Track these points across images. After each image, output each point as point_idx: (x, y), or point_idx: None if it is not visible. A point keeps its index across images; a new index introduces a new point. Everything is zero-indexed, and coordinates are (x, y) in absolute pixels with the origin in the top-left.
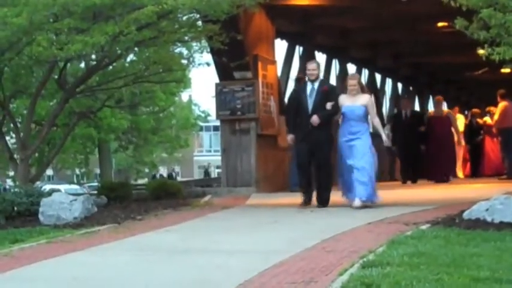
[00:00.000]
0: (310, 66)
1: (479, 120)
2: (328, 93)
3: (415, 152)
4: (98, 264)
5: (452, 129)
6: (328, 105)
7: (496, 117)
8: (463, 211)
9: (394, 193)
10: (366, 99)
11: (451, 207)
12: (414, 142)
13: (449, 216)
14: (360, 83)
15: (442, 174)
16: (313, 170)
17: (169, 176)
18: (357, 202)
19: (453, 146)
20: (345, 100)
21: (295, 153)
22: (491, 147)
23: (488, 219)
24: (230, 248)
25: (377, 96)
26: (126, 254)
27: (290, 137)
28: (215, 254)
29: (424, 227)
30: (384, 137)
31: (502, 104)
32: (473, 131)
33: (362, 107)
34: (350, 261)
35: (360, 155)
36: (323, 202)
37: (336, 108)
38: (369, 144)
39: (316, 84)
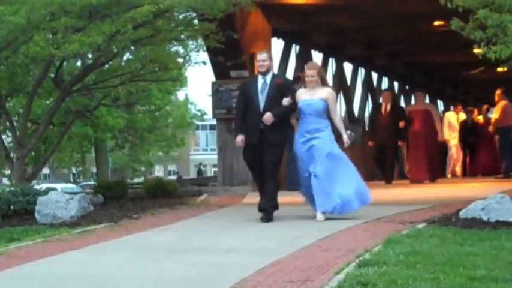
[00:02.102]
0: (260, 56)
1: (479, 118)
2: (282, 87)
3: (392, 149)
4: (94, 263)
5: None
6: (285, 101)
7: (495, 115)
8: (459, 210)
9: (390, 192)
10: (326, 92)
11: (447, 206)
12: (393, 138)
13: (445, 215)
14: (320, 73)
15: (420, 173)
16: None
17: (199, 171)
18: (319, 216)
19: (435, 143)
20: (303, 94)
21: (245, 159)
22: (485, 146)
23: (485, 218)
24: (226, 247)
25: (373, 94)
26: (123, 252)
27: (238, 139)
28: (211, 252)
29: (420, 226)
30: (345, 137)
31: (501, 103)
32: (467, 129)
33: (321, 101)
34: (346, 260)
35: (320, 157)
36: (267, 213)
37: (294, 104)
38: (331, 142)
39: (269, 78)
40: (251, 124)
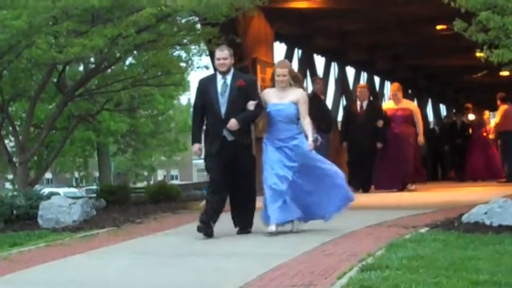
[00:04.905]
0: (220, 54)
1: (472, 118)
2: (245, 88)
3: (369, 152)
4: (96, 268)
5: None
6: (250, 105)
7: (496, 120)
8: (461, 214)
9: (392, 196)
10: (297, 94)
11: (450, 210)
12: (369, 140)
13: (448, 220)
14: (291, 72)
15: (394, 180)
16: (231, 190)
17: None
18: (270, 228)
19: (410, 146)
20: (271, 96)
21: (207, 170)
22: (477, 148)
23: (487, 222)
24: (229, 251)
25: (376, 98)
26: (125, 257)
27: (195, 148)
28: (214, 257)
29: (423, 230)
30: (310, 140)
31: (503, 108)
32: (456, 131)
33: (292, 104)
34: (349, 264)
35: (292, 166)
36: (245, 225)
37: (260, 108)
38: (306, 149)
39: (229, 78)
40: (211, 131)
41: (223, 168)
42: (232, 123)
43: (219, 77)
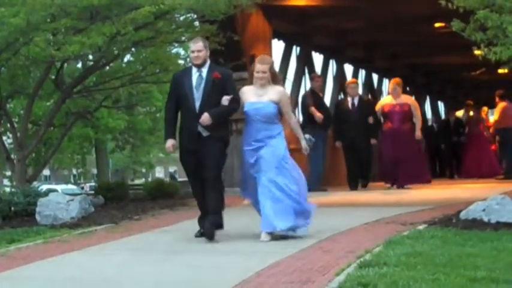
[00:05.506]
0: (194, 46)
1: (461, 115)
2: (222, 82)
3: (364, 150)
4: (95, 264)
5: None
6: (224, 100)
7: (495, 117)
8: (459, 211)
9: (389, 193)
10: (277, 93)
11: (448, 207)
12: (363, 137)
13: (446, 217)
14: (272, 69)
15: (398, 177)
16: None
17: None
18: (263, 236)
19: (412, 142)
20: (248, 94)
21: (184, 167)
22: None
23: (485, 219)
24: (227, 248)
25: (374, 96)
26: (123, 253)
27: (168, 144)
28: (212, 254)
29: (421, 227)
30: (304, 143)
31: (502, 105)
32: (449, 128)
33: (271, 103)
34: (347, 261)
35: (269, 168)
36: (210, 229)
37: (236, 103)
38: (284, 152)
39: (205, 71)
40: (186, 127)
41: (199, 167)
42: (205, 117)
43: (194, 70)
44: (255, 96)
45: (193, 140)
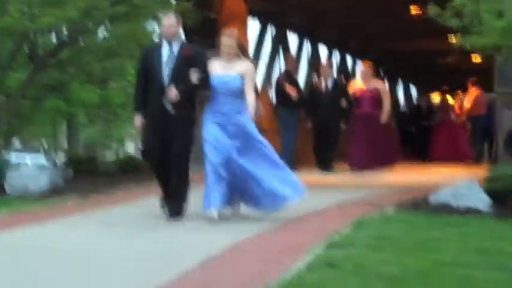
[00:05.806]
0: (167, 21)
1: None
2: (192, 58)
3: (334, 132)
4: (63, 236)
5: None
6: (193, 77)
7: (467, 104)
8: (429, 195)
9: (359, 176)
10: (245, 66)
11: (418, 191)
12: (335, 120)
13: (415, 200)
14: (240, 43)
15: (369, 161)
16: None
17: None
18: (212, 212)
19: (381, 126)
20: (216, 67)
21: (143, 146)
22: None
23: (454, 204)
24: (196, 225)
25: (347, 78)
26: (92, 226)
27: (137, 121)
28: (181, 230)
29: (390, 209)
30: (251, 109)
31: (474, 93)
32: (421, 113)
33: (239, 77)
34: (315, 241)
35: (242, 146)
36: (174, 212)
37: (205, 80)
38: (251, 126)
39: (176, 47)
40: (153, 103)
41: (163, 144)
42: (172, 92)
43: (164, 44)
44: (223, 69)
45: (160, 117)
